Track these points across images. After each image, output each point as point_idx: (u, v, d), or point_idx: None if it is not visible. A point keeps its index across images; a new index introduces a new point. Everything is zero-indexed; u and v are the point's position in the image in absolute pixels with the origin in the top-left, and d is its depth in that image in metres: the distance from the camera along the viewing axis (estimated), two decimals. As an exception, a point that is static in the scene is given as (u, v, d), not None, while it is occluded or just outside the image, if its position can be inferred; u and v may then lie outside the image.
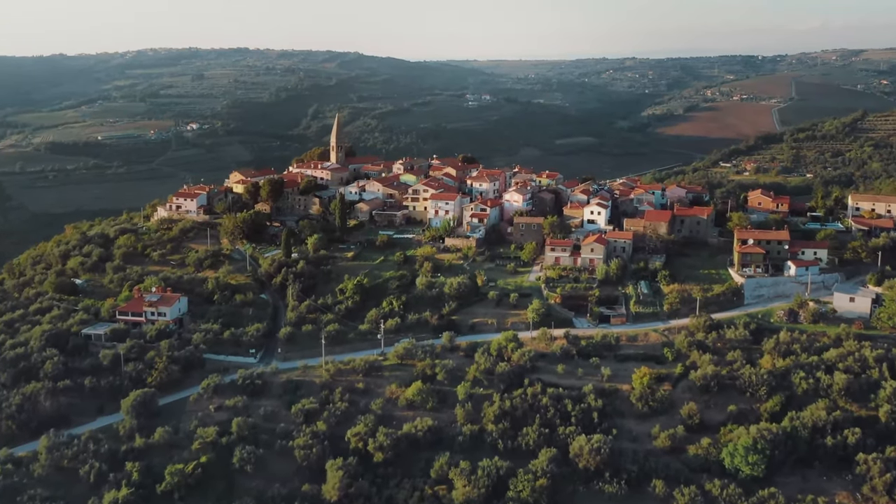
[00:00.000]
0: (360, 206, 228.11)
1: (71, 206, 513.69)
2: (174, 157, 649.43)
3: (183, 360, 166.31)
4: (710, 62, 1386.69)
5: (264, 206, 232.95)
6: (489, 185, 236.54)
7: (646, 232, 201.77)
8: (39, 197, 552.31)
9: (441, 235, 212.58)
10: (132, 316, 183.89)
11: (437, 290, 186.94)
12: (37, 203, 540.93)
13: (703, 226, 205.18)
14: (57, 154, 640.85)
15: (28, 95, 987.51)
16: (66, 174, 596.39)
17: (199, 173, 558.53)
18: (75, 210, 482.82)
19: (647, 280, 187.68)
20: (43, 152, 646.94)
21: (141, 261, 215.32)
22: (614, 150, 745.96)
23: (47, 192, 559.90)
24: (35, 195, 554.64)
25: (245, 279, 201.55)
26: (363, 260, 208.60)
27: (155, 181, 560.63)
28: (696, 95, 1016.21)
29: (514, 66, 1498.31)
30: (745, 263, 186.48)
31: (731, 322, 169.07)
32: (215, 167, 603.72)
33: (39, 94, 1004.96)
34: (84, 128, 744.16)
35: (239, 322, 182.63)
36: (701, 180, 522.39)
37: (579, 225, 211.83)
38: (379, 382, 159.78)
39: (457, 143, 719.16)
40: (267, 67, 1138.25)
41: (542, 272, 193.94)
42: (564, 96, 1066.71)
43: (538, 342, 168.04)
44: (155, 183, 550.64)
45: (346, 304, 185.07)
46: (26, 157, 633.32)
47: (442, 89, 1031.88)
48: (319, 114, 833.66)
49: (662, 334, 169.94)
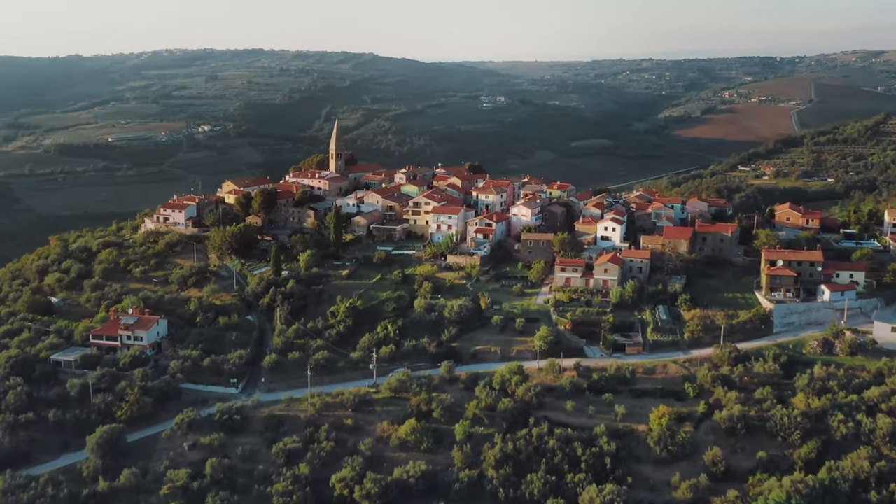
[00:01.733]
0: (358, 220, 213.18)
1: (78, 208, 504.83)
2: (185, 160, 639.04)
3: (157, 391, 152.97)
4: (728, 63, 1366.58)
5: (255, 218, 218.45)
6: (496, 198, 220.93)
7: (664, 250, 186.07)
8: (47, 199, 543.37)
9: (443, 252, 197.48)
10: (107, 340, 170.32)
11: (436, 314, 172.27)
12: (44, 205, 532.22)
13: (727, 244, 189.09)
14: (67, 156, 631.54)
15: (42, 96, 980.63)
16: (74, 176, 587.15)
17: (210, 176, 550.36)
18: (82, 213, 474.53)
19: (666, 304, 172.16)
20: (53, 154, 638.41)
21: (122, 277, 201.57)
22: (630, 152, 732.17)
23: (55, 195, 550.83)
24: (42, 197, 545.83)
25: (231, 299, 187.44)
26: (359, 278, 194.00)
27: (164, 184, 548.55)
28: (714, 97, 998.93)
29: (530, 67, 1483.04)
30: (773, 287, 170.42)
31: (760, 353, 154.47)
32: (226, 170, 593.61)
33: (54, 94, 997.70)
34: (95, 129, 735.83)
35: (221, 347, 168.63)
36: (719, 184, 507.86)
37: (592, 242, 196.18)
38: (369, 419, 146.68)
39: (470, 145, 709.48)
40: (281, 68, 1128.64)
41: (552, 294, 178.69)
42: (580, 98, 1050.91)
43: (545, 374, 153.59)
44: (164, 186, 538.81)
45: (337, 328, 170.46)
46: (36, 158, 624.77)
47: (456, 91, 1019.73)
48: (332, 115, 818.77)
49: (683, 366, 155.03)
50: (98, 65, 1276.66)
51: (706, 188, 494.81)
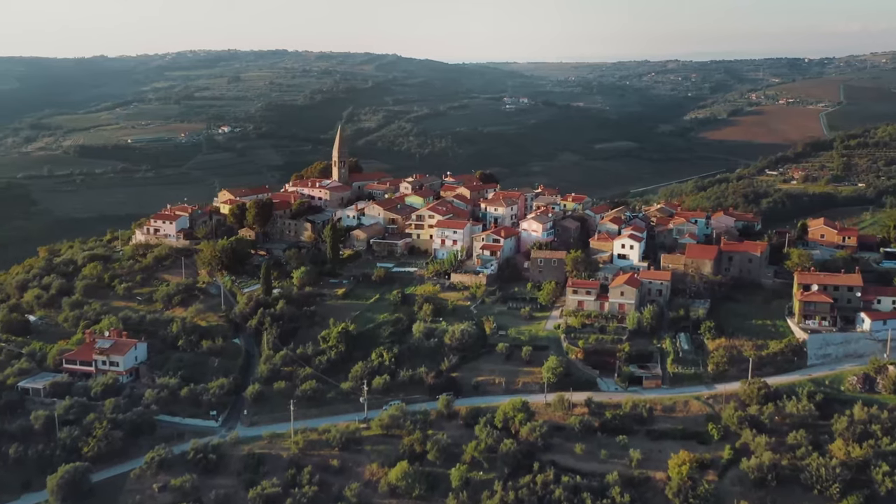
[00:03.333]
0: (357, 234, 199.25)
1: (95, 210, 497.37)
2: (204, 161, 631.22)
3: (128, 425, 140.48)
4: (755, 65, 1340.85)
5: (248, 231, 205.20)
6: (505, 211, 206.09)
7: (687, 271, 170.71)
8: (64, 201, 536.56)
9: (446, 270, 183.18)
10: (80, 365, 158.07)
11: (435, 341, 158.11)
12: (61, 207, 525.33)
13: (755, 264, 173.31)
14: (85, 157, 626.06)
15: (66, 97, 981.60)
16: (93, 178, 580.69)
17: (229, 178, 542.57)
18: (98, 215, 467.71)
19: (688, 332, 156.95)
20: (72, 155, 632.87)
21: (105, 294, 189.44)
22: (655, 155, 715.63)
23: (72, 197, 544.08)
24: (60, 199, 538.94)
25: (217, 320, 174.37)
26: (355, 298, 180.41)
27: (182, 186, 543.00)
28: (741, 99, 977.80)
29: (555, 68, 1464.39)
30: (807, 314, 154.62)
31: (793, 390, 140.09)
32: (246, 171, 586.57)
33: (78, 95, 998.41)
34: (115, 130, 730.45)
35: (202, 375, 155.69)
36: (746, 189, 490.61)
37: (608, 260, 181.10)
38: (358, 459, 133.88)
39: (492, 147, 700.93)
40: (304, 69, 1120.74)
41: (563, 319, 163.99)
42: (605, 99, 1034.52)
43: (553, 411, 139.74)
44: (182, 188, 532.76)
45: (328, 355, 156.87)
46: (55, 160, 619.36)
47: (479, 92, 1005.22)
48: (354, 117, 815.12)
49: (706, 403, 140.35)
50: (123, 66, 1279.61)
51: (732, 193, 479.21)
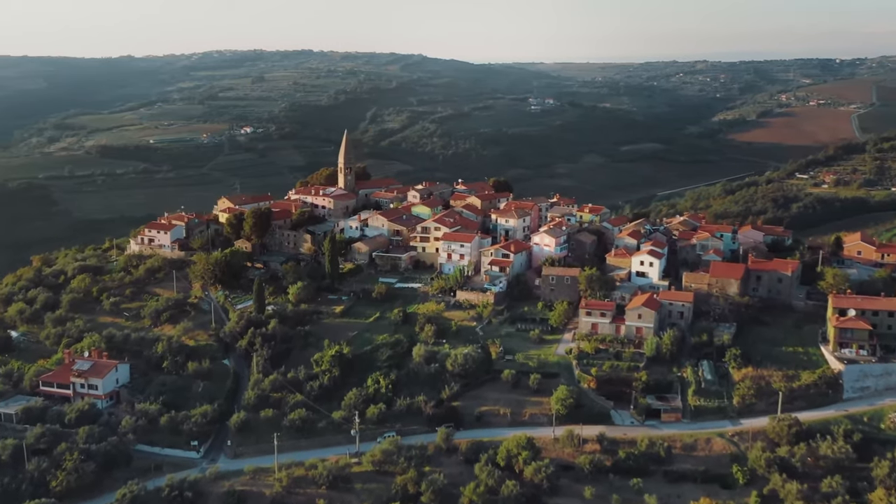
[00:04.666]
0: (358, 247, 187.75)
1: (115, 211, 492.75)
2: (225, 162, 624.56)
3: (102, 456, 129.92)
4: (786, 65, 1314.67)
5: (245, 243, 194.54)
6: (517, 222, 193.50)
7: (711, 291, 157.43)
8: (84, 202, 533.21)
9: (452, 287, 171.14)
10: (58, 387, 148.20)
11: (437, 366, 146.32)
12: (81, 208, 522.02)
13: (785, 285, 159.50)
14: (107, 157, 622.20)
15: (92, 97, 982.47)
16: (114, 179, 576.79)
17: (250, 179, 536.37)
18: (119, 216, 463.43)
19: (712, 360, 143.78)
20: (94, 156, 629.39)
21: (93, 309, 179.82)
22: (682, 157, 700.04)
23: (93, 197, 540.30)
24: (80, 200, 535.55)
25: (207, 339, 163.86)
26: (354, 316, 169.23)
27: (203, 187, 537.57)
28: (770, 100, 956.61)
29: (582, 68, 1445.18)
30: (843, 342, 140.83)
31: (827, 428, 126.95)
32: (267, 172, 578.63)
33: (104, 95, 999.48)
34: (138, 131, 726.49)
35: (186, 400, 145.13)
36: (775, 193, 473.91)
37: (625, 278, 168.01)
38: (346, 499, 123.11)
39: (517, 148, 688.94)
40: (329, 70, 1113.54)
41: (575, 343, 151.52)
42: (631, 100, 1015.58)
43: (562, 447, 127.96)
44: (203, 189, 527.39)
45: (320, 380, 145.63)
46: (76, 160, 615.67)
47: (504, 93, 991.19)
48: (378, 117, 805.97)
49: (731, 441, 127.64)
50: (149, 66, 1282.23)
51: (761, 197, 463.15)
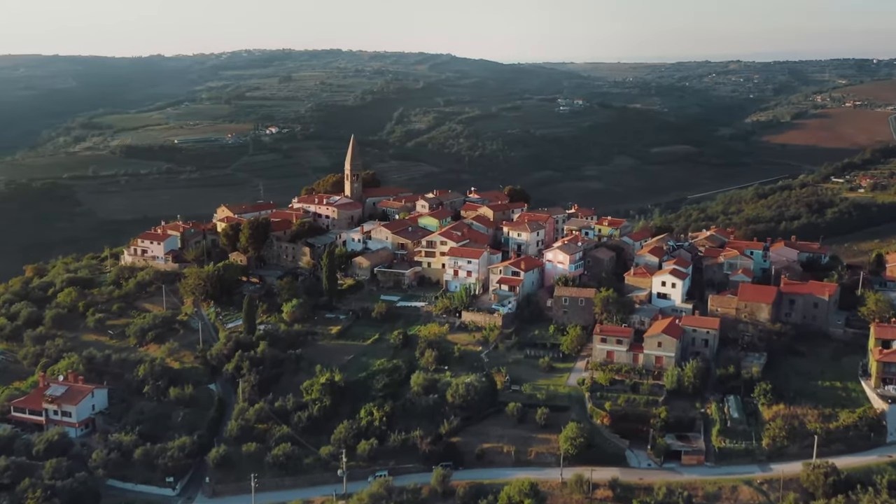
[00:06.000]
0: (359, 262, 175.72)
1: (138, 212, 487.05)
2: (250, 163, 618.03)
3: (68, 493, 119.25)
4: (821, 65, 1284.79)
5: (240, 256, 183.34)
6: (530, 236, 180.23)
7: (740, 317, 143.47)
8: (108, 202, 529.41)
9: (457, 307, 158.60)
10: (30, 414, 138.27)
11: (436, 397, 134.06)
12: (104, 209, 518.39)
13: (822, 310, 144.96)
14: (131, 158, 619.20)
15: (121, 96, 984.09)
16: (137, 179, 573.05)
17: (274, 180, 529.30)
18: (142, 217, 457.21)
19: (739, 396, 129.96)
20: (118, 156, 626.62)
21: (77, 326, 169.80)
22: (714, 159, 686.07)
23: (116, 198, 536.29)
24: (104, 200, 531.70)
25: (193, 361, 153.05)
26: (351, 338, 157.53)
27: (227, 188, 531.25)
28: (805, 101, 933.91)
29: (613, 68, 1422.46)
30: (887, 378, 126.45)
31: (869, 477, 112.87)
32: (290, 174, 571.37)
33: (133, 94, 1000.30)
34: (163, 131, 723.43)
35: (165, 430, 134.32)
36: (809, 197, 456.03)
37: (645, 300, 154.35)
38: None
39: (545, 150, 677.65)
40: (357, 69, 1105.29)
41: (588, 373, 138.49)
42: (663, 101, 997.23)
43: (570, 493, 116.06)
44: (226, 189, 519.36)
45: (309, 410, 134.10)
46: (101, 160, 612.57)
47: (533, 93, 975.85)
48: (404, 118, 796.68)
49: (759, 490, 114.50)
50: (178, 65, 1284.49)
51: (795, 201, 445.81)
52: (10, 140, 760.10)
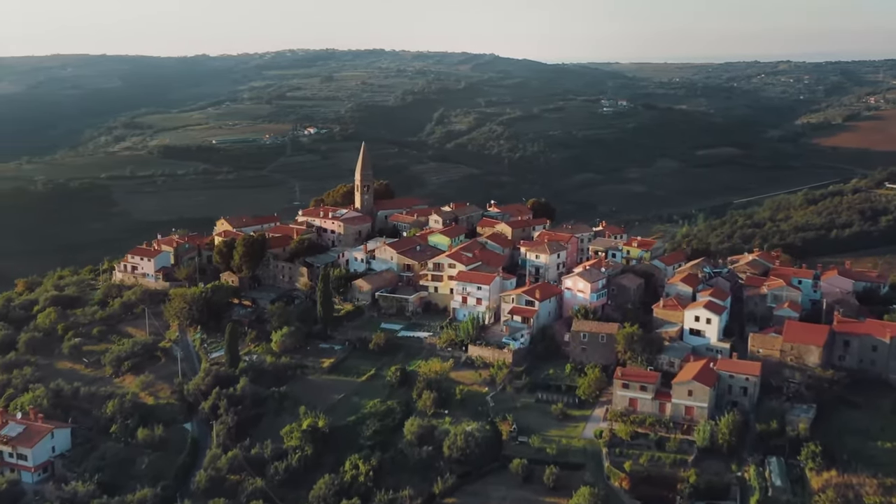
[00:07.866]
0: (360, 285, 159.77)
1: (173, 213, 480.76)
2: (287, 164, 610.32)
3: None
4: (875, 66, 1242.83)
5: (231, 276, 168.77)
6: (549, 258, 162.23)
7: (785, 360, 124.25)
8: (143, 203, 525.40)
9: (463, 340, 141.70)
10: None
11: (431, 449, 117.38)
12: (140, 209, 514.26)
13: (882, 354, 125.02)
14: (169, 158, 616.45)
15: (164, 96, 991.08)
16: (174, 179, 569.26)
17: (310, 182, 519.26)
18: (178, 218, 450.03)
19: (783, 457, 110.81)
20: (155, 156, 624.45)
21: (52, 351, 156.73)
22: (761, 162, 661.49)
23: (152, 198, 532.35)
24: (140, 201, 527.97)
25: (169, 396, 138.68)
26: (345, 372, 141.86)
27: (263, 189, 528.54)
28: (858, 103, 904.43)
29: (658, 69, 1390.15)
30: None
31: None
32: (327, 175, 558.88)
33: (176, 94, 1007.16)
34: (202, 131, 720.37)
35: (129, 479, 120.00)
36: (862, 204, 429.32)
37: (676, 336, 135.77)
38: None
39: (587, 152, 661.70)
40: (399, 69, 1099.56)
41: (607, 424, 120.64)
42: (709, 102, 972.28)
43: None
44: (262, 191, 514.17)
45: (289, 460, 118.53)
46: (138, 160, 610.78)
47: (576, 94, 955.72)
48: (445, 119, 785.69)
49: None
50: (223, 65, 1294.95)
51: (847, 208, 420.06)
52: (52, 139, 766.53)
